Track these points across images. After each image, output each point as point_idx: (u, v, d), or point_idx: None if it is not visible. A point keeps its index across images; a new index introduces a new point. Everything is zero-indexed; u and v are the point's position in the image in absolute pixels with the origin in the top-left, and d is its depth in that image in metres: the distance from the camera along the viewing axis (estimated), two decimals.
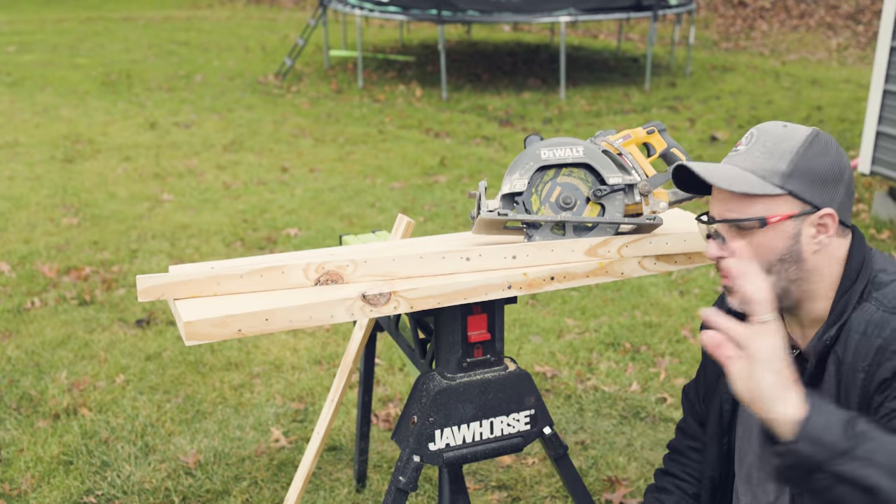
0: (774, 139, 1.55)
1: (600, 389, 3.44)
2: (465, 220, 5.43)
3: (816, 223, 1.52)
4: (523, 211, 1.88)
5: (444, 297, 1.77)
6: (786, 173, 1.51)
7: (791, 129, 1.55)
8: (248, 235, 5.22)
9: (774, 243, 1.52)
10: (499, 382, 1.91)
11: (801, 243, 1.52)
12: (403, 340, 2.22)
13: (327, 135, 7.84)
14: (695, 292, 4.37)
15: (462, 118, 8.47)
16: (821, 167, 1.52)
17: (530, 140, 1.90)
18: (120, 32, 14.01)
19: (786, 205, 1.51)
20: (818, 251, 1.54)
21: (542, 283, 1.84)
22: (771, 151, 1.54)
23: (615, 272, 1.90)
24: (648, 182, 1.89)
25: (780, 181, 1.51)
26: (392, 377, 3.55)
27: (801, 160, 1.51)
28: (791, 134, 1.54)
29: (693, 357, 3.68)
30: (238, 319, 1.62)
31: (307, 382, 3.50)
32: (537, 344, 3.82)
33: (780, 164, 1.52)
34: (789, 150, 1.52)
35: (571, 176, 1.89)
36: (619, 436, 3.14)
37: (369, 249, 2.00)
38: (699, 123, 8.03)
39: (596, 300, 4.29)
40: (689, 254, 1.97)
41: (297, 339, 3.89)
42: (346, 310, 1.70)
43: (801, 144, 1.53)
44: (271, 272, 1.74)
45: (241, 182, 6.37)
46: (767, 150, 1.54)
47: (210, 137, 7.68)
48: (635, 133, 1.96)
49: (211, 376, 3.56)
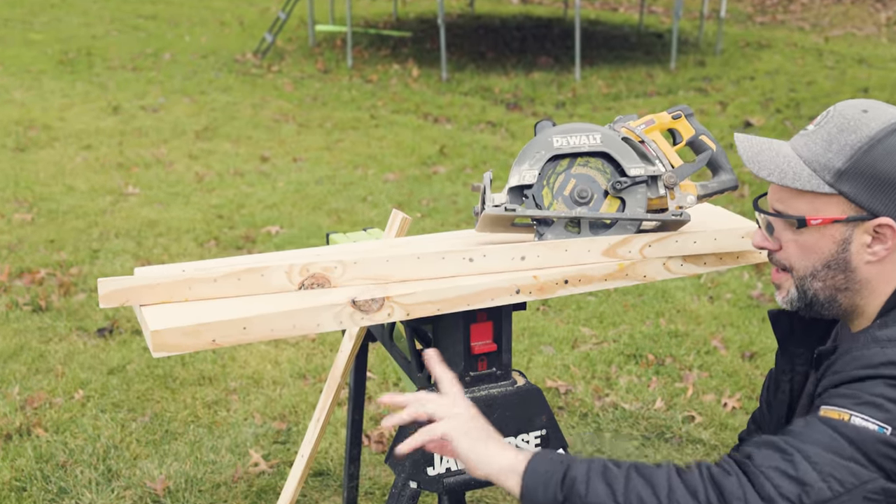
0: (841, 126, 1.47)
1: (620, 407, 3.44)
2: (467, 216, 5.43)
3: (872, 231, 1.47)
4: (533, 206, 1.87)
5: (444, 302, 1.77)
6: (840, 171, 1.46)
7: (868, 118, 1.47)
8: (223, 233, 5.22)
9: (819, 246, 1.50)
10: (506, 399, 1.91)
11: (851, 251, 1.49)
12: (398, 352, 2.22)
13: (313, 120, 7.84)
14: (726, 297, 4.37)
15: (464, 101, 8.47)
16: (886, 169, 1.44)
17: (541, 126, 1.90)
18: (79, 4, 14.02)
19: (835, 207, 1.47)
20: (873, 262, 1.49)
21: (554, 286, 1.84)
22: (832, 141, 1.47)
23: (637, 275, 1.90)
24: (674, 173, 1.89)
25: (833, 179, 1.46)
26: (386, 392, 3.55)
27: (862, 158, 1.45)
28: (862, 124, 1.46)
29: (724, 370, 3.68)
30: (212, 328, 1.62)
31: (290, 399, 3.50)
32: (549, 356, 3.83)
33: (837, 159, 1.46)
34: (852, 144, 1.46)
35: (587, 166, 1.89)
36: (640, 459, 3.14)
37: (360, 249, 2.00)
38: (731, 107, 8.03)
39: (615, 306, 4.29)
40: (720, 254, 1.97)
41: (278, 350, 3.89)
42: (333, 317, 1.70)
43: (868, 139, 1.45)
44: (250, 275, 1.74)
45: (216, 173, 6.37)
46: (830, 138, 1.47)
47: (181, 123, 7.67)
48: (659, 118, 1.96)
49: (182, 392, 3.56)
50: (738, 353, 3.83)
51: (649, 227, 1.94)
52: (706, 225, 1.99)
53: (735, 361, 3.76)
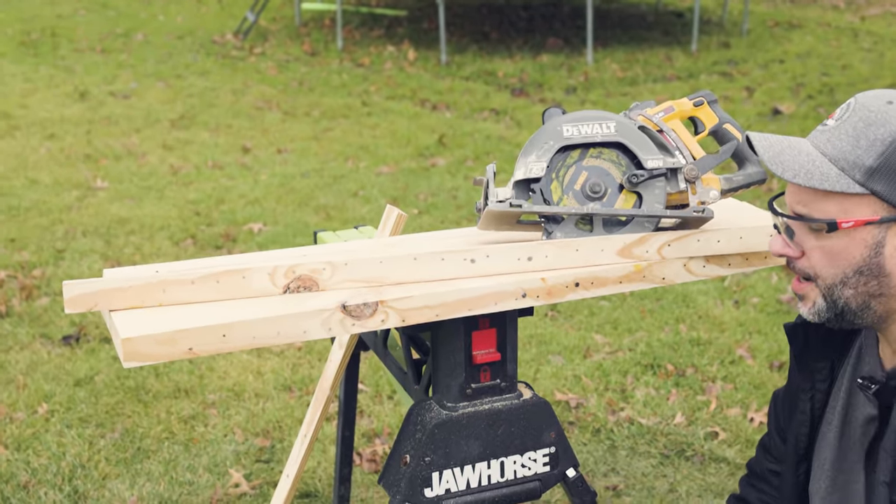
0: (868, 120, 1.47)
1: (636, 422, 3.44)
2: (469, 212, 5.43)
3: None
4: (541, 201, 1.87)
5: (443, 307, 1.77)
6: (871, 169, 1.45)
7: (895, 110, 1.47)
8: (201, 232, 5.21)
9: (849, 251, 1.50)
10: (511, 413, 1.91)
11: (885, 255, 1.49)
12: (393, 361, 2.21)
13: (299, 107, 7.84)
14: (753, 302, 4.37)
15: (465, 87, 8.47)
16: None
17: (550, 114, 1.89)
18: None
19: (866, 207, 1.47)
20: None
21: (564, 290, 1.84)
22: (859, 137, 1.47)
23: (655, 277, 1.90)
24: (696, 165, 1.89)
25: (863, 178, 1.46)
26: (379, 407, 3.55)
27: (895, 153, 1.45)
28: (891, 116, 1.46)
29: (751, 382, 3.68)
30: (189, 335, 1.61)
31: (274, 413, 3.50)
32: (558, 366, 3.83)
33: (867, 156, 1.46)
34: (882, 138, 1.46)
35: (601, 158, 1.88)
36: (659, 479, 3.14)
37: (351, 249, 2.00)
38: (758, 93, 8.03)
39: (631, 312, 4.29)
40: (746, 254, 1.97)
41: (261, 359, 3.89)
42: (321, 324, 1.69)
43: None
44: (230, 277, 1.74)
45: (193, 166, 6.36)
46: (857, 133, 1.48)
47: (154, 110, 7.67)
48: (680, 105, 1.95)
49: (155, 406, 3.56)
50: (765, 363, 3.82)
51: (668, 225, 1.94)
52: (731, 222, 1.99)
53: (763, 372, 3.76)
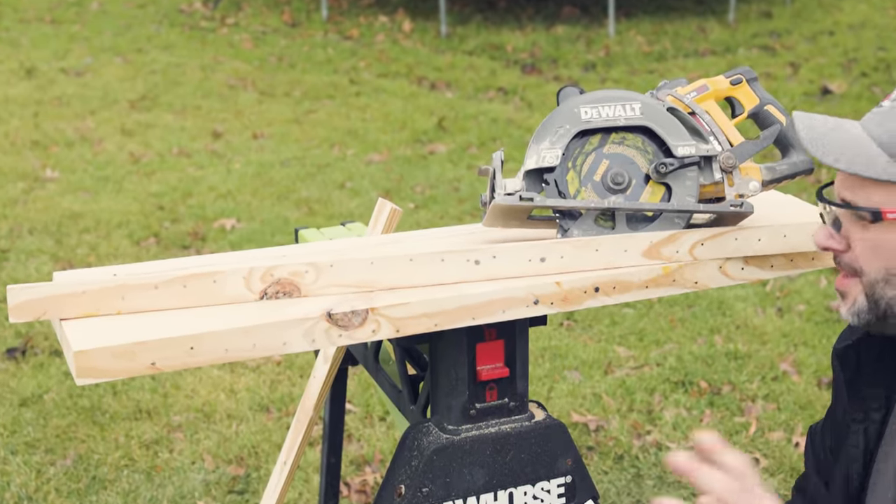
0: None
1: (665, 447, 3.44)
2: (473, 206, 5.43)
3: None
4: (556, 194, 1.87)
5: (443, 315, 1.77)
6: None
7: None
8: (165, 229, 5.21)
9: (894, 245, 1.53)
10: (521, 438, 1.91)
11: None
12: (386, 378, 2.21)
13: (278, 86, 7.83)
14: (799, 309, 4.37)
15: (469, 63, 8.46)
16: None
17: (566, 94, 1.89)
18: None
19: None
20: None
21: (582, 296, 1.84)
22: None
23: (686, 281, 1.90)
24: (733, 153, 1.89)
25: None
26: (370, 430, 3.55)
27: None
28: None
29: (796, 401, 3.68)
30: (151, 348, 1.61)
31: (249, 437, 3.50)
32: (576, 383, 3.83)
33: None
34: None
35: (624, 144, 1.88)
36: None
37: (338, 249, 2.00)
38: (805, 70, 8.03)
39: (659, 321, 4.29)
40: (791, 255, 1.97)
41: (234, 375, 3.89)
42: (304, 334, 1.69)
43: None
44: (199, 281, 1.74)
45: (156, 153, 6.36)
46: None
47: (111, 90, 7.67)
48: (715, 84, 1.95)
49: (113, 428, 3.56)
50: (813, 380, 3.83)
51: (702, 221, 1.94)
52: (774, 218, 1.98)
53: (809, 390, 3.76)
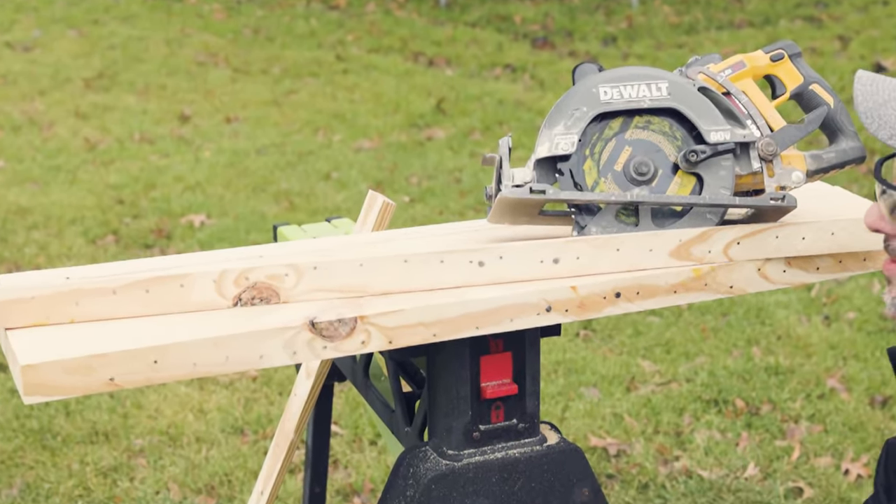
0: None
1: (696, 475, 3.43)
2: (477, 199, 5.42)
3: None
4: (571, 186, 1.87)
5: (442, 324, 1.77)
6: None
7: None
8: (125, 226, 5.21)
9: None
10: (532, 464, 1.90)
11: None
12: (377, 396, 2.21)
13: (253, 63, 7.82)
14: (848, 318, 4.37)
15: (472, 36, 8.46)
16: None
17: (582, 71, 1.89)
18: None
19: None
20: None
21: (601, 302, 1.83)
22: None
23: (720, 285, 1.90)
24: (774, 139, 1.89)
25: None
26: (359, 455, 3.55)
27: None
28: None
29: (846, 422, 3.68)
30: (110, 362, 1.61)
31: (221, 463, 3.50)
32: (594, 401, 3.82)
33: None
34: None
35: (649, 129, 1.88)
36: None
37: (322, 248, 2.00)
38: (855, 44, 8.02)
39: (689, 331, 4.29)
40: (840, 255, 1.96)
41: (204, 393, 3.89)
42: (283, 346, 1.69)
43: None
44: (163, 285, 1.74)
45: (115, 139, 6.36)
46: None
47: (64, 67, 7.66)
48: (753, 60, 1.95)
49: (66, 453, 3.55)
50: (864, 398, 3.82)
51: (738, 217, 1.94)
52: (820, 213, 1.98)
53: (861, 409, 3.76)
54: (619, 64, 7.62)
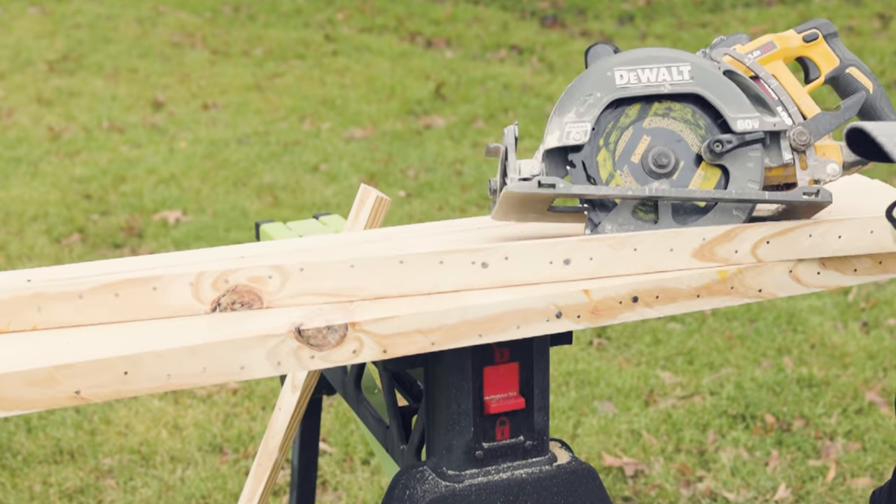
0: None
1: (721, 497, 3.44)
2: (480, 194, 5.43)
3: None
4: (584, 179, 1.88)
5: (442, 332, 1.77)
6: None
7: None
8: (92, 223, 5.21)
9: None
10: (540, 485, 1.91)
11: None
12: (370, 411, 2.21)
13: (234, 43, 7.82)
14: (889, 324, 4.37)
15: (474, 14, 8.46)
16: None
17: (596, 53, 1.90)
18: None
19: None
20: None
21: (616, 307, 1.84)
22: None
23: (747, 289, 1.90)
24: (807, 127, 1.89)
25: None
26: (350, 476, 3.55)
27: None
28: None
29: (886, 440, 3.68)
30: (75, 373, 1.61)
31: (198, 485, 3.51)
32: (609, 417, 3.83)
33: None
34: None
35: (669, 117, 1.89)
36: None
37: (310, 248, 2.00)
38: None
39: (713, 339, 4.29)
40: (880, 256, 1.97)
41: (179, 407, 3.89)
42: (267, 355, 1.70)
43: None
44: (135, 288, 1.74)
45: (81, 128, 6.36)
46: None
47: (25, 48, 7.66)
48: (784, 41, 1.96)
49: (27, 474, 3.56)
50: None
51: (767, 214, 1.95)
52: (858, 210, 1.99)
53: None
54: (637, 45, 7.63)
